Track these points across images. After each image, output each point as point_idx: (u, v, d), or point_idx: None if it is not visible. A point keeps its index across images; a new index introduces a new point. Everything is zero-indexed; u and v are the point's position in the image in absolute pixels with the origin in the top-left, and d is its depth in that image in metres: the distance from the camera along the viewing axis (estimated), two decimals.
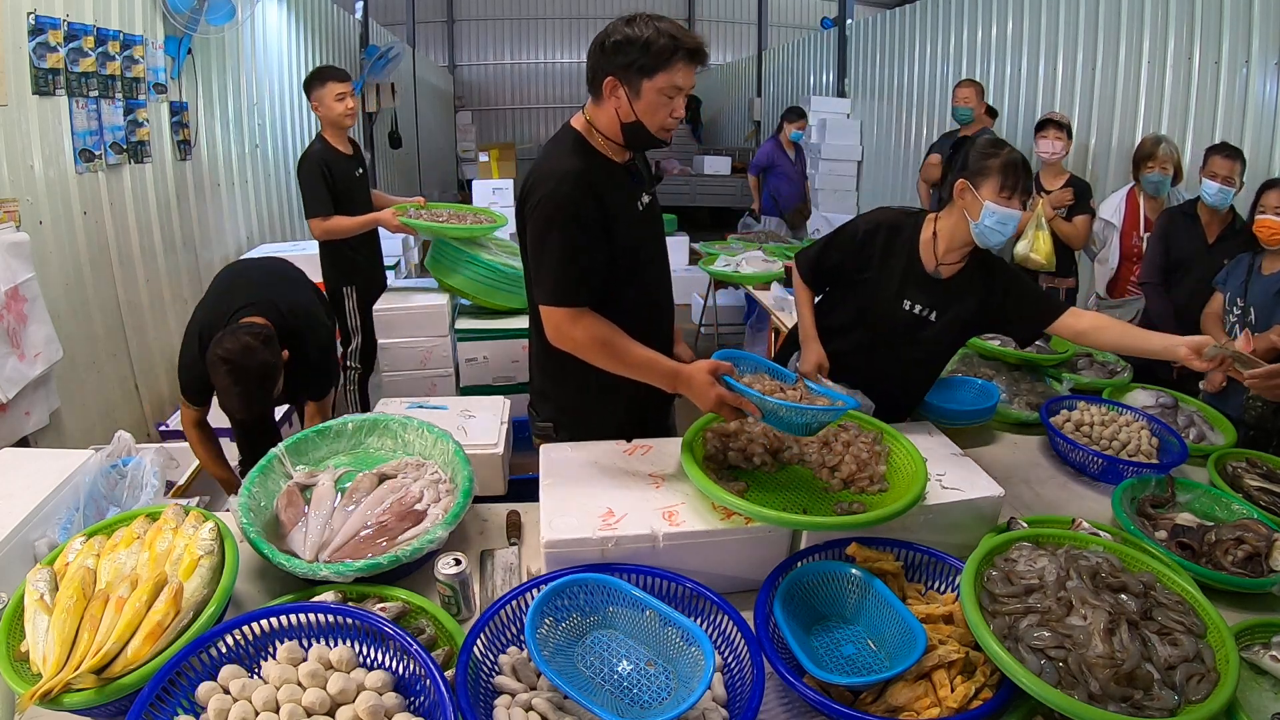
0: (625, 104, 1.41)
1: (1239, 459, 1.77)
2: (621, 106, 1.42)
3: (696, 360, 1.44)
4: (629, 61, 1.37)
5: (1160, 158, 2.90)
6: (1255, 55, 3.04)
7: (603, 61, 1.41)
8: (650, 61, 1.36)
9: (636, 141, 1.49)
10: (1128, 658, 1.00)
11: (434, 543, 1.29)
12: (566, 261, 1.43)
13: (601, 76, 1.41)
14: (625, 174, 1.55)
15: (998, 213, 1.55)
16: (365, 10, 7.06)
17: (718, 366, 1.34)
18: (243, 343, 1.80)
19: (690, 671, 1.07)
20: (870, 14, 7.12)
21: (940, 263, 1.68)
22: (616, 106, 1.43)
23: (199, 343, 1.99)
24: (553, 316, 1.46)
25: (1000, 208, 1.55)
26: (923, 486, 1.33)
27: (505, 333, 3.01)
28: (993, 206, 1.55)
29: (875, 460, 1.45)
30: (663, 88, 1.38)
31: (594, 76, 1.43)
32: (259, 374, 1.82)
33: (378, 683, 0.97)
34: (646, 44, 1.35)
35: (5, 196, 2.47)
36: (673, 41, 1.36)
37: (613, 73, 1.40)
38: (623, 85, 1.40)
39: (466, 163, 11.30)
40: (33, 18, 2.58)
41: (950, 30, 5.30)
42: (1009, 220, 1.57)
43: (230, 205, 4.24)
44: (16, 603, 1.08)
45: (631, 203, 1.56)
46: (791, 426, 1.36)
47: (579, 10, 13.59)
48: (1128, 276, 3.07)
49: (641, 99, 1.40)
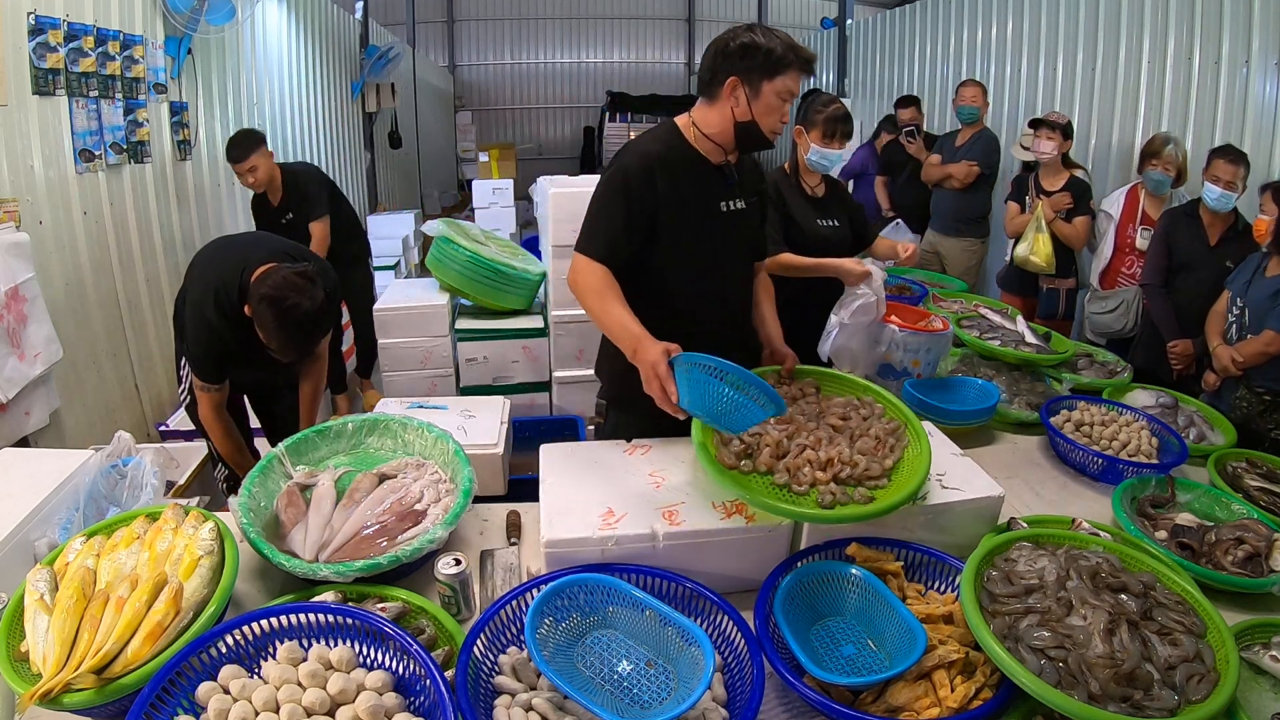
0: (744, 104, 1.49)
1: (1239, 459, 1.78)
2: (739, 107, 1.50)
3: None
4: (752, 65, 1.46)
5: (1165, 157, 2.90)
6: (1255, 55, 3.04)
7: (725, 63, 1.49)
8: (772, 65, 1.46)
9: (748, 141, 1.55)
10: (1128, 658, 1.00)
11: (434, 543, 1.29)
12: (598, 218, 1.55)
13: (723, 77, 1.49)
14: (716, 172, 1.59)
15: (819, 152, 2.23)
16: (365, 10, 7.06)
17: (670, 349, 1.33)
18: (292, 280, 1.72)
19: (690, 671, 1.07)
20: (870, 14, 7.12)
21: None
22: (734, 106, 1.50)
23: (215, 309, 1.87)
24: (574, 261, 1.56)
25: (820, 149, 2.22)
26: (916, 488, 1.30)
27: (505, 333, 3.01)
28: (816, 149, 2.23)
29: (886, 452, 1.41)
30: (779, 90, 1.48)
31: (712, 78, 1.51)
32: (312, 309, 1.73)
33: (378, 683, 0.97)
34: (769, 50, 1.45)
35: (5, 196, 2.47)
36: (791, 50, 1.46)
37: (735, 74, 1.48)
38: (744, 86, 1.48)
39: (466, 163, 11.29)
40: (33, 18, 2.58)
41: (950, 30, 5.30)
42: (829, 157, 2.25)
43: (230, 205, 4.24)
44: (16, 603, 1.08)
45: (711, 200, 1.59)
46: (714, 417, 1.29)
47: (579, 10, 13.58)
48: (1119, 268, 3.08)
49: (760, 100, 1.48)
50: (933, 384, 2.06)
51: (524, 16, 13.62)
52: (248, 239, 2.20)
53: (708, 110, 1.55)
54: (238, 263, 1.89)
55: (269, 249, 1.96)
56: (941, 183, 4.00)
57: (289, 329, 1.74)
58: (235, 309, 1.86)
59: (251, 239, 2.20)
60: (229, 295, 1.86)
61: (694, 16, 13.96)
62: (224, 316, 1.87)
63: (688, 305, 1.61)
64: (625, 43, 14.04)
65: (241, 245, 2.05)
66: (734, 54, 1.47)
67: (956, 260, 4.00)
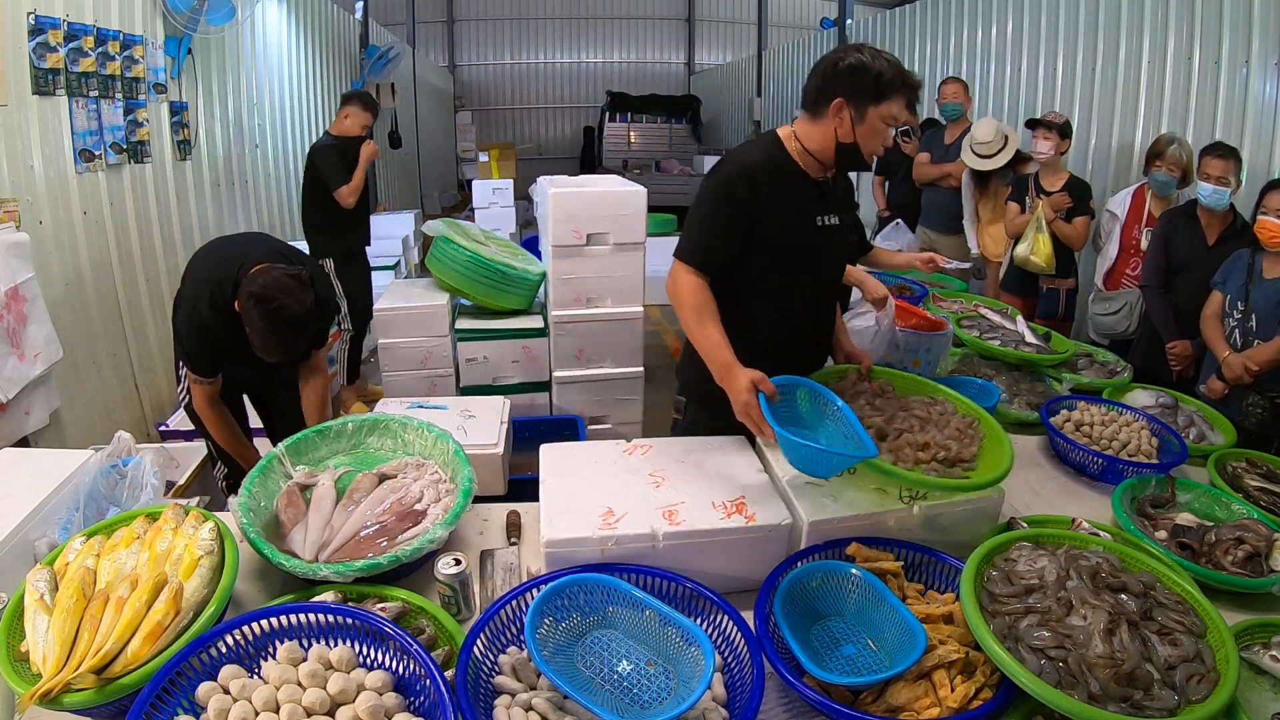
0: (847, 125, 1.49)
1: (1239, 459, 1.77)
2: (843, 127, 1.50)
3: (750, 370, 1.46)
4: (860, 87, 1.46)
5: (1169, 158, 2.89)
6: (1255, 55, 3.04)
7: (834, 83, 1.48)
8: (880, 90, 1.45)
9: (847, 161, 1.56)
10: (1128, 658, 1.00)
11: (434, 543, 1.29)
12: (701, 226, 1.55)
13: (829, 97, 1.49)
14: (814, 187, 1.60)
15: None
16: (365, 10, 7.06)
17: (759, 381, 1.40)
18: (280, 280, 1.73)
19: (690, 671, 1.07)
20: (870, 14, 7.12)
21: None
22: (837, 126, 1.50)
23: (210, 304, 1.89)
24: (673, 267, 1.56)
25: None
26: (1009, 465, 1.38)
27: (505, 333, 3.01)
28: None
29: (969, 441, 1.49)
30: (884, 115, 1.47)
31: (819, 96, 1.51)
32: (300, 312, 1.75)
33: (378, 683, 0.97)
34: (879, 74, 1.44)
35: (5, 196, 2.47)
36: (899, 77, 1.46)
37: (842, 95, 1.47)
38: (850, 107, 1.48)
39: (466, 163, 11.29)
40: (33, 18, 2.58)
41: (950, 30, 5.30)
42: None
43: (230, 205, 4.24)
44: (16, 603, 1.08)
45: (808, 213, 1.59)
46: (804, 466, 1.36)
47: (579, 10, 13.59)
48: (1124, 269, 3.07)
49: (864, 123, 1.48)
50: None
51: (524, 16, 13.63)
52: (246, 239, 2.21)
53: (811, 126, 1.55)
54: (234, 260, 1.90)
55: (265, 249, 1.97)
56: (938, 181, 3.99)
57: (274, 329, 1.75)
58: (229, 305, 1.87)
59: (250, 239, 2.20)
60: (223, 292, 1.88)
61: (694, 16, 13.97)
62: (217, 312, 1.88)
63: (777, 315, 1.63)
64: (625, 43, 14.05)
65: (240, 245, 2.06)
66: (843, 74, 1.47)
67: (951, 257, 4.00)
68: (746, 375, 1.40)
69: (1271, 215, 2.18)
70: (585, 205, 2.85)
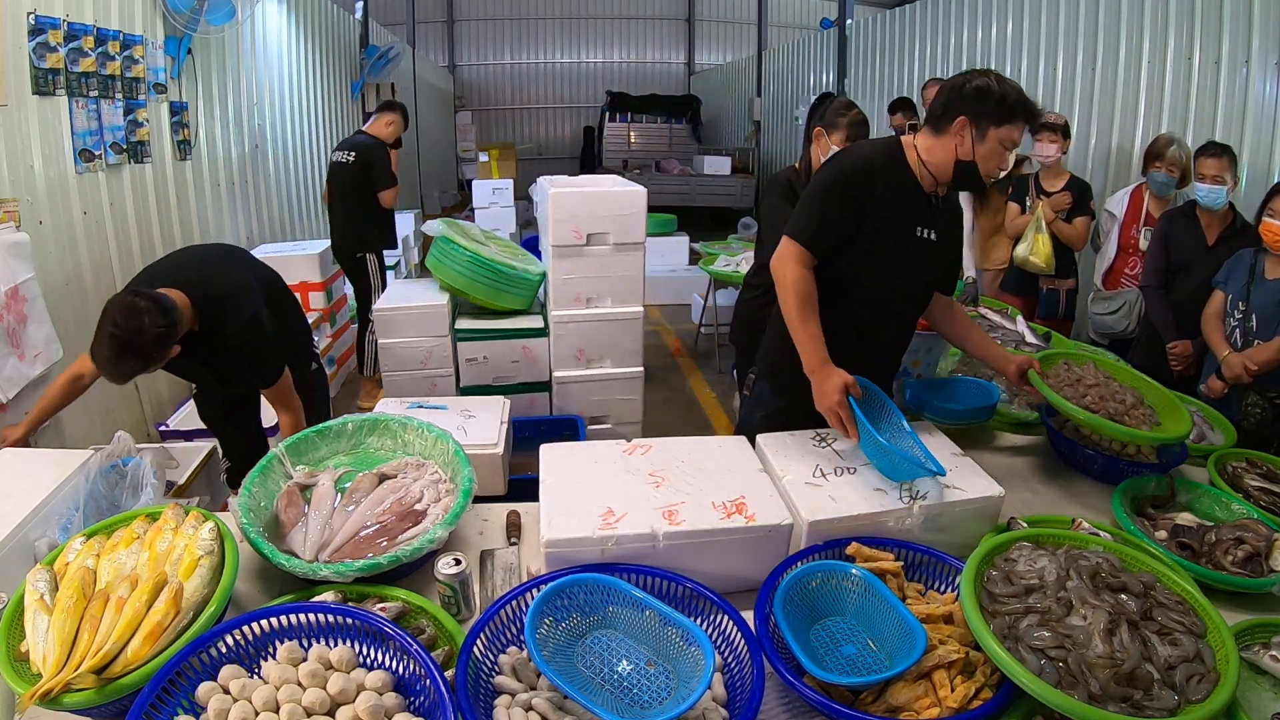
0: (968, 144, 1.53)
1: (1239, 459, 1.77)
2: (963, 145, 1.54)
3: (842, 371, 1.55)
4: (985, 109, 1.50)
5: (1168, 159, 2.89)
6: (1255, 55, 3.04)
7: (960, 102, 1.53)
8: (1003, 113, 1.49)
9: (963, 179, 1.59)
10: (1128, 658, 1.00)
11: (434, 543, 1.29)
12: (818, 210, 1.60)
13: (954, 115, 1.53)
14: (924, 198, 1.64)
15: None
16: (365, 10, 7.06)
17: (850, 383, 1.51)
18: (131, 302, 1.71)
19: (690, 671, 1.07)
20: (870, 14, 7.12)
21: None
22: (958, 144, 1.55)
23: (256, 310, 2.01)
24: (784, 246, 1.61)
25: None
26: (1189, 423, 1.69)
27: (505, 333, 3.01)
28: None
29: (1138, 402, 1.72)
30: (1004, 138, 1.52)
31: (944, 113, 1.55)
32: (132, 335, 1.70)
33: (378, 683, 0.97)
34: (1003, 97, 1.49)
35: (5, 196, 2.47)
36: (1021, 102, 1.50)
37: (966, 114, 1.52)
38: (972, 127, 1.52)
39: (466, 163, 11.30)
40: (33, 18, 2.58)
41: (950, 30, 5.30)
42: None
43: (230, 205, 4.24)
44: (16, 603, 1.08)
45: (911, 221, 1.63)
46: (882, 466, 1.43)
47: (579, 10, 13.60)
48: (1122, 269, 3.08)
49: (985, 143, 1.52)
50: (933, 384, 2.06)
51: (524, 16, 13.64)
52: (193, 255, 2.19)
53: (933, 141, 1.59)
54: (150, 281, 1.92)
55: (193, 278, 1.94)
56: None
57: (100, 344, 1.72)
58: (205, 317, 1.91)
59: (196, 255, 2.18)
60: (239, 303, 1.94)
61: (694, 16, 13.97)
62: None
63: (860, 316, 1.67)
64: (625, 43, 14.05)
65: (176, 263, 2.07)
66: (969, 95, 1.51)
67: None
68: (840, 376, 1.51)
69: (1277, 218, 2.18)
70: (585, 205, 2.86)
